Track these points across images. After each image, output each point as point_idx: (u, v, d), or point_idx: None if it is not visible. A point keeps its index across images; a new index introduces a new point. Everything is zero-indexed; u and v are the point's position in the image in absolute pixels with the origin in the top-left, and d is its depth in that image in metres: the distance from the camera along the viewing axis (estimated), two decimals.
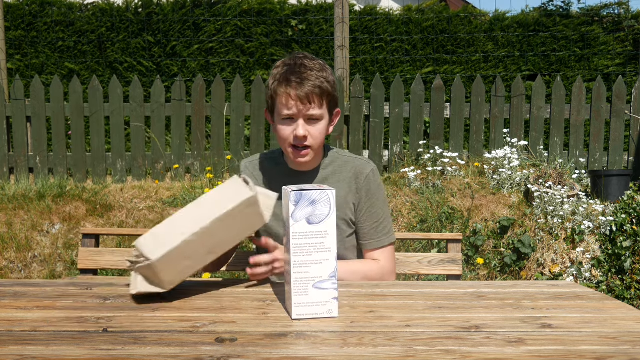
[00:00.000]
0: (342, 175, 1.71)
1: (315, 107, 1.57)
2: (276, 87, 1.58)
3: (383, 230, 1.71)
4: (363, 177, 1.70)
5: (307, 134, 1.58)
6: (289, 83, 1.55)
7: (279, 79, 1.58)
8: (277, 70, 1.60)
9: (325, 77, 1.58)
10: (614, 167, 4.74)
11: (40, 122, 4.69)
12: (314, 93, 1.55)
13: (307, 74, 1.56)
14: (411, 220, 3.95)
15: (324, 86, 1.57)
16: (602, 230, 3.75)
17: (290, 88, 1.55)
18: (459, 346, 1.02)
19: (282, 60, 1.63)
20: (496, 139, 4.72)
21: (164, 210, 4.15)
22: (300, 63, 1.58)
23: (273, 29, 5.59)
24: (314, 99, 1.56)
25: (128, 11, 5.54)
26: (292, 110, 1.57)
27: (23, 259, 3.89)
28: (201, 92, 4.70)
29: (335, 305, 1.21)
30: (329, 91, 1.59)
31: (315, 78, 1.56)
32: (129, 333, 1.08)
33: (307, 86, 1.55)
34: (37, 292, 1.38)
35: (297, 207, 1.19)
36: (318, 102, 1.57)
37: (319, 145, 1.63)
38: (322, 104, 1.59)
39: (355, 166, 1.71)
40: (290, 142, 1.60)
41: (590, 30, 5.62)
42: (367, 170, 1.71)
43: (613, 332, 1.12)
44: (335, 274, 1.21)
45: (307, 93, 1.55)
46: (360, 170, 1.70)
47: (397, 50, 5.69)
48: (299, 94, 1.54)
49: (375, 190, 1.72)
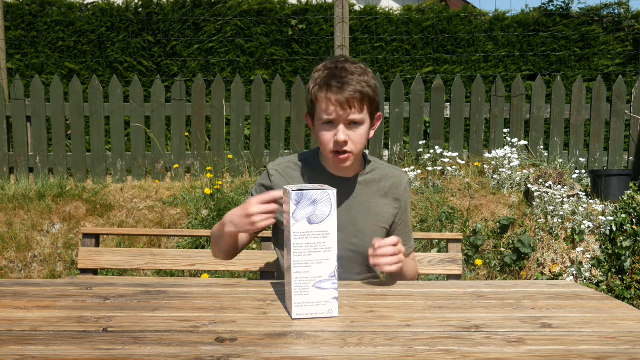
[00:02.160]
0: (382, 183, 1.72)
1: (356, 112, 1.54)
2: (317, 92, 1.56)
3: (411, 236, 1.81)
4: (402, 187, 1.74)
5: (347, 139, 1.56)
6: (330, 88, 1.53)
7: (320, 83, 1.55)
8: (318, 73, 1.58)
9: (366, 82, 1.55)
10: (614, 167, 4.74)
11: (40, 122, 4.69)
12: (355, 98, 1.53)
13: (348, 78, 1.53)
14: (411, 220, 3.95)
15: (365, 90, 1.54)
16: (602, 230, 3.75)
17: (331, 93, 1.53)
18: (459, 346, 1.02)
19: (323, 64, 1.61)
20: (496, 139, 4.72)
21: (164, 210, 4.15)
22: (342, 67, 1.56)
23: (273, 29, 5.59)
24: (354, 104, 1.53)
25: (128, 11, 5.53)
26: (333, 115, 1.54)
27: (23, 258, 3.89)
28: (201, 92, 4.70)
29: (336, 305, 1.21)
30: (370, 96, 1.56)
31: (357, 82, 1.53)
32: (129, 333, 1.08)
33: (348, 91, 1.52)
34: (37, 292, 1.38)
35: (298, 206, 1.19)
36: (359, 106, 1.54)
37: (359, 150, 1.60)
38: (363, 109, 1.56)
39: (393, 176, 1.74)
40: (330, 148, 1.57)
41: (590, 30, 5.62)
42: (405, 180, 1.75)
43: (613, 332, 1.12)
44: (335, 274, 1.21)
45: (348, 98, 1.52)
46: (399, 180, 1.74)
47: (397, 50, 5.68)
48: (339, 99, 1.52)
49: (409, 200, 1.78)
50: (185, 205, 4.14)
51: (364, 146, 1.63)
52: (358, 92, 1.53)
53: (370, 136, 1.64)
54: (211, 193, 4.12)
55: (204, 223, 3.97)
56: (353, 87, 1.53)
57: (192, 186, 4.37)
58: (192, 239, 3.84)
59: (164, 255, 2.32)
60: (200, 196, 4.18)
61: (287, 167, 1.71)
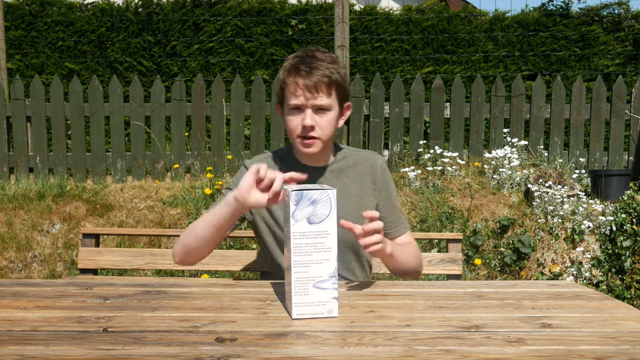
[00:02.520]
0: (356, 168, 1.70)
1: (323, 97, 1.55)
2: (285, 77, 1.57)
3: (402, 216, 1.75)
4: (377, 168, 1.71)
5: (314, 124, 1.56)
6: (298, 72, 1.54)
7: (289, 69, 1.57)
8: (288, 62, 1.59)
9: (335, 69, 1.57)
10: (614, 166, 4.74)
11: (40, 122, 4.69)
12: (322, 82, 1.54)
13: (317, 64, 1.55)
14: (411, 220, 3.95)
15: (334, 76, 1.55)
16: (602, 230, 3.75)
17: (299, 77, 1.54)
18: (459, 346, 1.02)
19: (294, 54, 1.63)
20: (496, 139, 4.72)
21: (164, 210, 4.15)
22: (312, 55, 1.57)
23: (273, 29, 5.59)
24: (322, 88, 1.54)
25: (128, 11, 5.53)
26: (300, 100, 1.55)
27: (23, 258, 3.89)
28: (201, 91, 4.70)
29: (336, 305, 1.21)
30: (338, 81, 1.57)
31: (325, 68, 1.54)
32: (129, 333, 1.08)
33: (316, 75, 1.53)
34: (37, 292, 1.38)
35: (298, 206, 1.19)
36: (326, 91, 1.55)
37: (327, 137, 1.60)
38: (331, 94, 1.57)
39: (367, 158, 1.72)
40: (298, 132, 1.57)
41: (590, 30, 5.62)
42: (380, 161, 1.73)
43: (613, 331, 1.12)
44: (335, 274, 1.21)
45: (315, 82, 1.53)
46: (373, 162, 1.71)
47: (397, 50, 5.68)
48: (306, 83, 1.53)
49: (390, 178, 1.74)
50: (185, 205, 4.14)
51: (332, 133, 1.62)
52: (326, 76, 1.54)
53: (339, 125, 1.64)
54: (211, 193, 4.12)
55: None
56: (321, 72, 1.53)
57: (192, 186, 4.37)
58: None
59: (164, 255, 2.32)
60: (200, 196, 4.18)
61: (262, 161, 1.71)
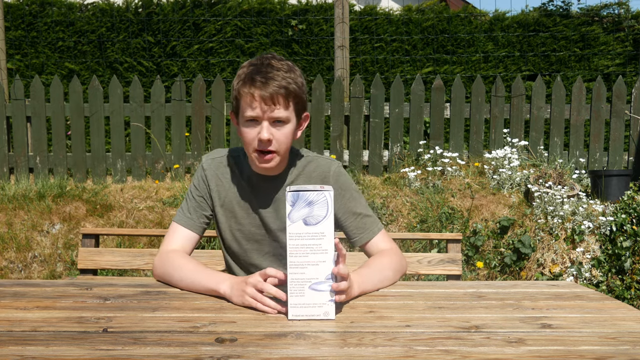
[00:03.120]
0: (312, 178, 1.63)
1: (281, 109, 1.48)
2: (240, 87, 1.49)
3: (368, 219, 1.63)
4: (330, 175, 1.62)
5: (271, 138, 1.49)
6: (254, 82, 1.46)
7: (244, 79, 1.49)
8: (243, 70, 1.51)
9: (292, 78, 1.49)
10: (614, 167, 4.74)
11: (40, 122, 4.69)
12: (279, 94, 1.46)
13: (273, 74, 1.47)
14: (411, 221, 3.95)
15: (291, 87, 1.48)
16: (602, 230, 3.75)
17: (255, 88, 1.46)
18: (459, 346, 1.02)
19: (249, 61, 1.55)
20: (496, 139, 4.72)
21: (164, 210, 4.14)
22: (267, 63, 1.49)
23: (273, 29, 5.59)
24: (279, 100, 1.47)
25: (128, 11, 5.53)
26: (256, 112, 1.47)
27: (23, 259, 3.89)
28: (201, 92, 4.70)
29: (332, 307, 1.20)
30: (295, 92, 1.50)
31: (282, 78, 1.47)
32: (129, 333, 1.07)
33: (272, 86, 1.45)
34: (37, 292, 1.38)
35: (294, 207, 1.19)
36: (284, 103, 1.48)
37: (284, 150, 1.54)
38: (289, 106, 1.49)
39: (320, 165, 1.63)
40: (254, 146, 1.50)
41: (590, 30, 5.62)
42: (333, 167, 1.63)
43: (613, 332, 1.12)
44: (331, 276, 1.21)
45: (272, 93, 1.45)
46: (326, 168, 1.63)
47: (397, 50, 5.68)
48: (262, 94, 1.45)
49: (346, 185, 1.63)
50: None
51: (289, 146, 1.56)
52: (283, 87, 1.47)
53: (296, 136, 1.57)
54: None
55: None
56: (278, 83, 1.46)
57: None
58: None
59: None
60: None
61: (220, 163, 1.65)
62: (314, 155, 1.67)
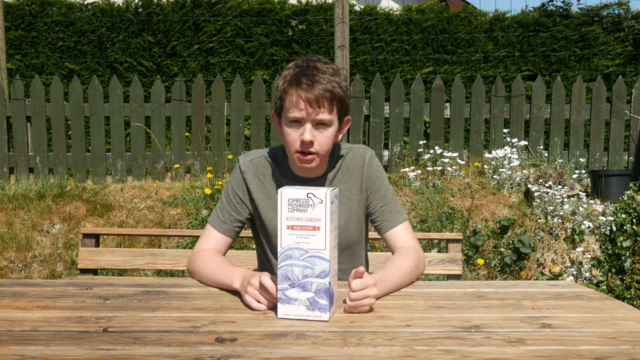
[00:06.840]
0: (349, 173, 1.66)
1: (325, 112, 1.50)
2: (286, 88, 1.51)
3: (395, 208, 1.68)
4: (365, 163, 1.66)
5: (314, 139, 1.51)
6: (300, 84, 1.48)
7: (290, 80, 1.51)
8: (288, 71, 1.53)
9: (337, 82, 1.51)
10: (614, 167, 4.74)
11: (40, 122, 4.69)
12: (325, 97, 1.48)
13: (319, 77, 1.49)
14: (411, 220, 3.95)
15: (336, 91, 1.50)
16: (602, 230, 3.75)
17: (301, 90, 1.48)
18: (459, 346, 1.02)
19: (294, 62, 1.56)
20: (496, 139, 4.72)
21: (164, 210, 4.14)
22: (313, 66, 1.51)
23: (273, 29, 5.59)
24: (323, 103, 1.49)
25: (128, 11, 5.53)
26: (301, 114, 1.49)
27: (23, 259, 3.89)
28: (201, 92, 4.70)
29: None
30: (340, 96, 1.52)
31: (327, 82, 1.49)
32: (129, 333, 1.07)
33: (318, 89, 1.47)
34: (37, 292, 1.38)
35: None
36: (328, 106, 1.50)
37: (325, 152, 1.56)
38: (332, 109, 1.51)
39: (355, 156, 1.67)
40: (296, 147, 1.52)
41: (590, 30, 5.62)
42: (367, 156, 1.67)
43: (613, 332, 1.12)
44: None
45: (318, 96, 1.47)
46: (360, 159, 1.67)
47: (397, 50, 5.68)
48: (308, 97, 1.47)
49: (378, 172, 1.68)
50: (185, 206, 4.14)
51: (330, 148, 1.57)
52: (328, 91, 1.49)
53: (337, 139, 1.60)
54: (211, 193, 4.12)
55: (204, 223, 3.97)
56: (323, 86, 1.48)
57: (192, 186, 4.37)
58: (192, 239, 3.83)
59: (164, 255, 2.32)
60: (200, 196, 4.18)
61: (259, 164, 1.66)
62: (348, 146, 1.70)
